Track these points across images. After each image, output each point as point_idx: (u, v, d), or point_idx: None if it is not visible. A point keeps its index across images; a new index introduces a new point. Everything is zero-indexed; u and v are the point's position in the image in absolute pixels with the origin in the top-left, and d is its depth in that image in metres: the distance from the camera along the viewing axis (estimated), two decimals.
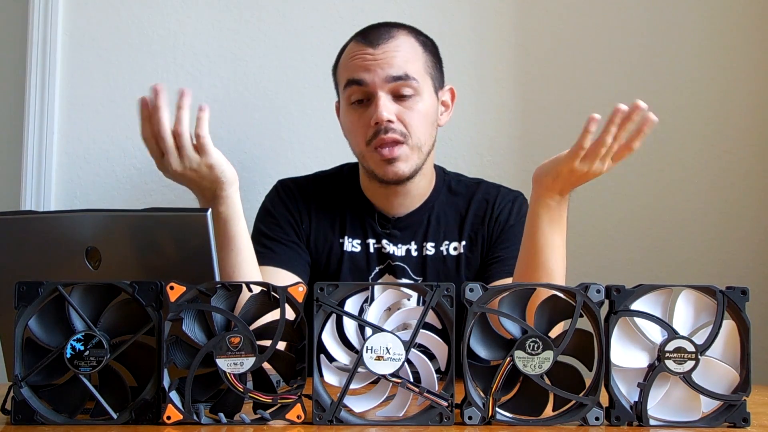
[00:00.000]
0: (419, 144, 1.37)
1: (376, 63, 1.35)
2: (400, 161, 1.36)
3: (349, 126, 1.41)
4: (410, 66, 1.36)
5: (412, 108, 1.36)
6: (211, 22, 1.87)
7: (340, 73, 1.43)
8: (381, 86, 1.34)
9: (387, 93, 1.35)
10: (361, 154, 1.40)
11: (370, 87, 1.35)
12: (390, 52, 1.36)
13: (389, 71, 1.34)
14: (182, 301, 0.84)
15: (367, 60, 1.35)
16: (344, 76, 1.39)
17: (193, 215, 0.94)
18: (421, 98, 1.37)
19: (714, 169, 1.82)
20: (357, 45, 1.39)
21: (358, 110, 1.38)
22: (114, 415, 0.84)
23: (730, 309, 0.86)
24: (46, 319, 0.85)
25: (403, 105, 1.36)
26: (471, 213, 1.45)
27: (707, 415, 0.86)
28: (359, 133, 1.38)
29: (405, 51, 1.37)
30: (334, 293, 0.85)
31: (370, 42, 1.37)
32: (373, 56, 1.35)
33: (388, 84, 1.34)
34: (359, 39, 1.40)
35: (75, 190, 1.85)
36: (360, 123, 1.37)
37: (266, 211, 1.48)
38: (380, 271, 1.43)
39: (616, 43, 1.85)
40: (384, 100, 1.34)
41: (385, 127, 1.33)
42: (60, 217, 1.02)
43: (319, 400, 0.84)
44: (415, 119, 1.36)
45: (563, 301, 0.86)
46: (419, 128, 1.37)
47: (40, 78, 1.83)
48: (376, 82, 1.34)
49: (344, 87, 1.39)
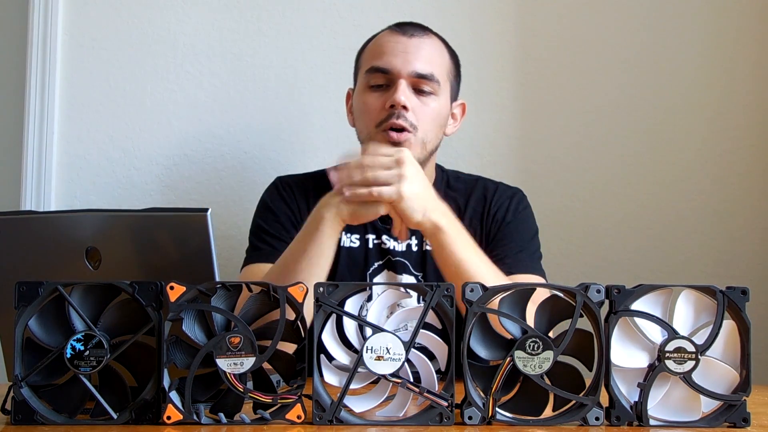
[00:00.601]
0: (425, 140, 1.38)
1: (405, 53, 1.38)
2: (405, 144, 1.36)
3: (362, 107, 1.41)
4: (436, 67, 1.39)
5: (427, 104, 1.38)
6: (211, 22, 1.87)
7: (366, 56, 1.43)
8: (404, 76, 1.37)
9: (408, 84, 1.37)
10: (368, 136, 1.39)
11: (394, 74, 1.37)
12: (421, 46, 1.39)
13: (416, 65, 1.37)
14: (182, 301, 0.84)
15: (398, 49, 1.38)
16: (369, 61, 1.40)
17: (193, 215, 0.94)
18: (438, 99, 1.40)
19: (714, 169, 1.82)
20: (390, 33, 1.42)
21: (375, 93, 1.39)
22: (114, 415, 0.84)
23: (730, 309, 0.86)
24: (46, 319, 0.85)
25: (420, 99, 1.38)
26: (469, 209, 1.45)
27: (707, 415, 0.86)
28: (371, 115, 1.38)
29: (434, 50, 1.41)
30: (334, 293, 0.85)
31: (404, 31, 1.40)
32: (404, 46, 1.38)
33: (411, 78, 1.37)
34: (394, 28, 1.43)
35: (75, 190, 1.85)
36: (375, 105, 1.38)
37: (265, 207, 1.48)
38: (379, 267, 1.43)
39: (616, 43, 1.85)
40: (404, 86, 1.36)
41: (399, 113, 1.35)
42: (60, 217, 1.02)
43: (319, 400, 0.84)
44: (427, 115, 1.38)
45: (563, 301, 0.86)
46: (428, 125, 1.38)
47: (40, 78, 1.83)
48: (402, 71, 1.37)
49: (366, 71, 1.40)
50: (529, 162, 1.85)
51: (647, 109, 1.84)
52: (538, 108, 1.85)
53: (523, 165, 1.84)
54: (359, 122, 1.43)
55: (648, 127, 1.84)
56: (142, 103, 1.85)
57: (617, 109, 1.84)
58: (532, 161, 1.85)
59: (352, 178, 1.17)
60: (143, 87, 1.86)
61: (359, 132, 1.44)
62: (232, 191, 1.84)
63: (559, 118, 1.85)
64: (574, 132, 1.85)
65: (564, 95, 1.85)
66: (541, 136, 1.85)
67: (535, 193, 1.55)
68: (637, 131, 1.84)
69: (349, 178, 1.18)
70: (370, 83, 1.39)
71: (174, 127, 1.85)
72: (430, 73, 1.38)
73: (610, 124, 1.84)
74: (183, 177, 1.84)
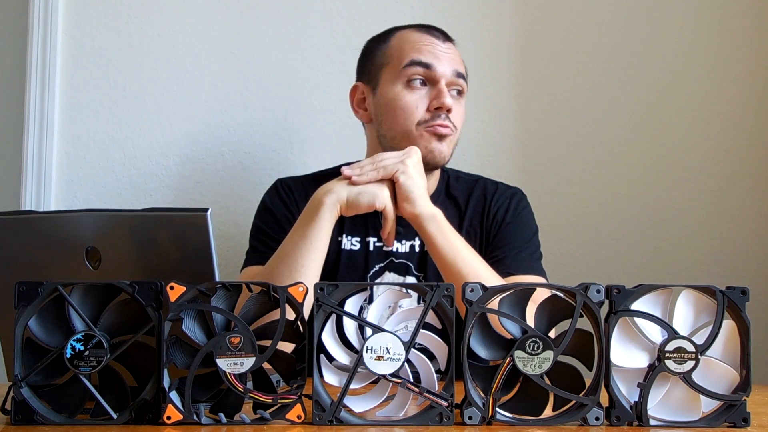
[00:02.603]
0: (457, 141, 1.45)
1: (445, 55, 1.42)
2: (447, 143, 1.41)
3: (402, 105, 1.40)
4: (464, 69, 1.46)
5: (461, 105, 1.45)
6: (211, 22, 1.87)
7: (398, 52, 1.43)
8: (445, 78, 1.40)
9: (447, 86, 1.41)
10: (406, 132, 1.39)
11: (438, 73, 1.40)
12: (454, 51, 1.45)
13: (455, 66, 1.42)
14: (182, 301, 0.84)
15: (437, 49, 1.42)
16: (409, 55, 1.41)
17: (193, 215, 0.94)
18: (463, 101, 1.46)
19: (714, 169, 1.82)
20: (422, 34, 1.44)
21: (416, 91, 1.40)
22: (114, 415, 0.84)
23: (730, 309, 0.86)
24: (46, 319, 0.85)
25: (456, 102, 1.42)
26: (470, 209, 1.45)
27: (707, 415, 0.86)
28: (414, 114, 1.39)
29: (459, 57, 1.47)
30: (334, 293, 0.85)
31: (435, 35, 1.44)
32: (442, 48, 1.43)
33: (451, 78, 1.41)
34: (423, 30, 1.45)
35: (75, 190, 1.85)
36: (417, 103, 1.39)
37: (266, 209, 1.48)
38: (381, 269, 1.43)
39: (617, 44, 1.85)
40: (446, 90, 1.40)
41: (445, 115, 1.39)
42: (60, 217, 1.02)
43: (319, 400, 0.84)
44: (460, 117, 1.44)
45: (563, 301, 0.86)
46: (460, 126, 1.45)
47: (40, 78, 1.83)
48: (445, 71, 1.40)
49: (406, 65, 1.40)
50: (529, 162, 1.85)
51: (647, 109, 1.84)
52: (538, 108, 1.85)
53: (523, 165, 1.84)
54: (393, 118, 1.41)
55: (648, 127, 1.84)
56: (142, 103, 1.85)
57: (617, 109, 1.84)
58: (532, 161, 1.85)
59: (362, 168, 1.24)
60: (143, 87, 1.86)
61: (389, 128, 1.41)
62: (232, 191, 1.84)
63: (559, 118, 1.85)
64: (574, 132, 1.85)
65: (564, 95, 1.85)
66: (541, 136, 1.85)
67: (535, 193, 1.55)
68: (637, 131, 1.84)
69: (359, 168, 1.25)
70: (410, 77, 1.40)
71: (174, 127, 1.85)
72: (464, 72, 1.45)
73: (610, 124, 1.84)
74: (183, 177, 1.84)
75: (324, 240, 1.22)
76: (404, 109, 1.39)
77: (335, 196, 1.21)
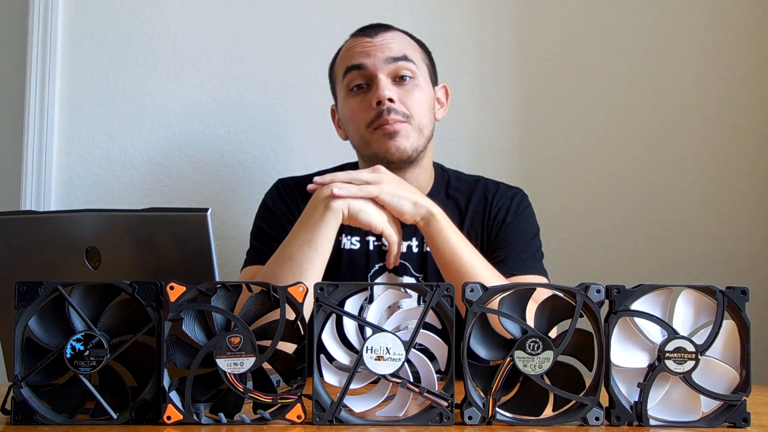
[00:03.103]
0: (420, 126, 1.40)
1: (375, 48, 1.39)
2: (401, 137, 1.37)
3: (349, 113, 1.41)
4: (408, 50, 1.41)
5: (411, 91, 1.39)
6: (211, 22, 1.87)
7: (338, 66, 1.45)
8: (381, 68, 1.38)
9: (387, 76, 1.38)
10: (362, 139, 1.40)
11: (371, 70, 1.38)
12: (388, 39, 1.41)
13: (388, 53, 1.39)
14: (182, 301, 0.84)
15: (366, 47, 1.40)
16: (343, 65, 1.42)
17: (193, 215, 0.94)
18: (419, 83, 1.41)
19: (714, 168, 1.82)
20: (355, 39, 1.44)
21: (358, 95, 1.40)
22: (114, 415, 0.84)
23: (730, 309, 0.86)
24: (46, 319, 0.85)
25: (403, 88, 1.39)
26: (470, 210, 1.45)
27: (707, 415, 0.86)
28: (360, 118, 1.39)
29: (402, 40, 1.43)
30: (334, 293, 0.85)
31: (368, 33, 1.42)
32: (372, 43, 1.40)
33: (388, 66, 1.38)
34: (357, 34, 1.45)
35: (75, 190, 1.85)
36: (361, 107, 1.39)
37: (267, 209, 1.48)
38: (380, 269, 1.43)
39: (616, 43, 1.85)
40: (385, 82, 1.37)
41: (388, 108, 1.36)
42: (60, 217, 1.02)
43: (319, 400, 0.84)
44: (415, 101, 1.39)
45: (563, 301, 0.86)
46: (420, 110, 1.39)
47: (40, 78, 1.83)
48: (377, 64, 1.38)
49: (343, 75, 1.41)
50: (529, 162, 1.85)
51: (647, 108, 1.84)
52: (538, 108, 1.85)
53: (523, 165, 1.84)
54: (350, 128, 1.43)
55: (648, 127, 1.84)
56: (142, 103, 1.85)
57: (617, 108, 1.84)
58: (532, 161, 1.85)
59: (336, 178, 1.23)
60: (143, 87, 1.86)
61: (352, 139, 1.44)
62: (232, 191, 1.84)
63: (559, 118, 1.85)
64: (574, 132, 1.85)
65: (564, 95, 1.85)
66: (541, 136, 1.85)
67: (535, 193, 1.55)
68: (637, 131, 1.84)
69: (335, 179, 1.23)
70: (351, 85, 1.40)
71: (174, 127, 1.85)
72: (404, 55, 1.39)
73: (610, 124, 1.84)
74: (183, 177, 1.84)
75: (329, 245, 1.22)
76: (351, 117, 1.41)
77: (343, 203, 1.21)
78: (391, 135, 1.36)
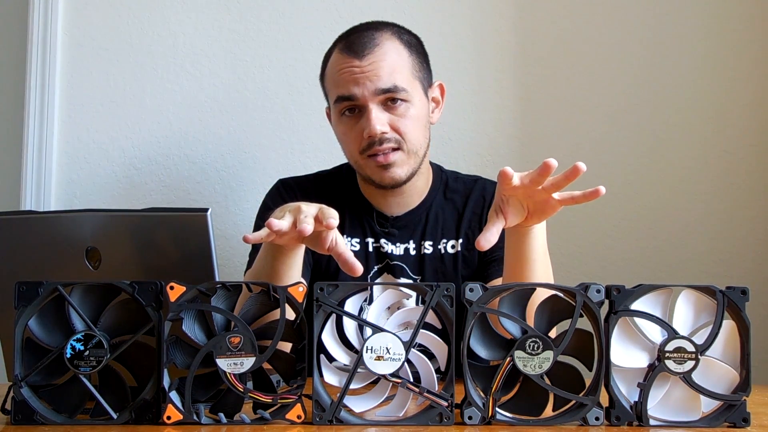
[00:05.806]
0: (415, 149, 1.37)
1: (364, 76, 1.33)
2: (396, 166, 1.36)
3: (342, 136, 1.41)
4: (398, 76, 1.35)
5: (404, 115, 1.35)
6: (211, 22, 1.87)
7: (328, 85, 1.42)
8: (371, 99, 1.33)
9: (377, 104, 1.34)
10: (357, 163, 1.40)
11: (360, 101, 1.34)
12: (377, 63, 1.34)
13: (378, 84, 1.33)
14: (182, 301, 0.84)
15: (355, 73, 1.34)
16: (333, 92, 1.38)
17: (193, 215, 0.94)
18: (412, 104, 1.36)
19: (714, 169, 1.82)
20: (342, 57, 1.37)
21: (350, 120, 1.37)
22: (114, 415, 0.84)
23: (730, 309, 0.86)
24: (46, 319, 0.85)
25: (395, 113, 1.35)
26: (468, 211, 1.45)
27: (707, 415, 0.86)
28: (352, 143, 1.38)
29: (391, 59, 1.36)
30: (334, 293, 0.85)
31: (356, 53, 1.35)
32: (360, 68, 1.34)
33: (378, 96, 1.34)
34: (344, 50, 1.38)
35: (75, 190, 1.85)
36: (353, 133, 1.37)
37: (267, 209, 1.47)
38: (379, 271, 1.43)
39: (617, 43, 1.85)
40: (375, 112, 1.33)
41: (380, 139, 1.34)
42: (60, 217, 1.02)
43: (319, 400, 0.84)
44: (408, 126, 1.36)
45: (563, 301, 0.86)
46: (413, 134, 1.36)
47: (40, 78, 1.83)
48: (366, 95, 1.33)
49: (334, 102, 1.38)
50: (530, 162, 1.84)
51: (648, 109, 1.84)
52: (538, 108, 1.85)
53: (523, 165, 1.83)
54: (344, 148, 1.43)
55: (648, 128, 1.84)
56: (142, 103, 1.85)
57: (618, 109, 1.84)
58: (532, 161, 1.84)
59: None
60: (143, 87, 1.86)
61: (347, 157, 1.44)
62: (232, 191, 1.84)
63: (559, 118, 1.84)
64: (574, 132, 1.85)
65: (564, 95, 1.85)
66: (541, 136, 1.85)
67: None
68: (637, 131, 1.84)
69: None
70: (342, 112, 1.38)
71: (174, 127, 1.85)
72: (394, 86, 1.33)
73: (610, 124, 1.84)
74: (183, 177, 1.84)
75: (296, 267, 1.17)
76: (344, 140, 1.41)
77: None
78: (385, 167, 1.36)
